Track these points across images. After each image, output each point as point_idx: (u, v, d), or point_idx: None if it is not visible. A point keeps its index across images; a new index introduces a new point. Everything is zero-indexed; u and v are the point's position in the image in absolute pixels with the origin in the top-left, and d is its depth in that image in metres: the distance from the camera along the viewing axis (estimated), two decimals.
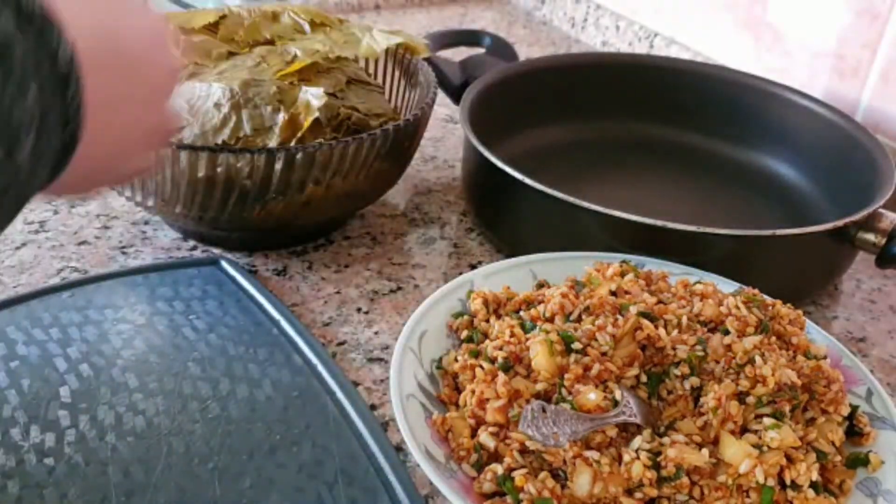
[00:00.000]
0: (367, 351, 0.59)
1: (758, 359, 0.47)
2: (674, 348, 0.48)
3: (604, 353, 0.47)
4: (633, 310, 0.49)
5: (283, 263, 0.68)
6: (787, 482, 0.44)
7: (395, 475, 0.48)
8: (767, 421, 0.44)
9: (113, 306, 0.59)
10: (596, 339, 0.48)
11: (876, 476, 0.47)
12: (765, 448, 0.44)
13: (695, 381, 0.47)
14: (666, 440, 0.45)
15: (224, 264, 0.64)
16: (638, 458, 0.43)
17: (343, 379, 0.54)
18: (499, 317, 0.54)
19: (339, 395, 0.53)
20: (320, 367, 0.55)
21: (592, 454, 0.43)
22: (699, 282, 0.54)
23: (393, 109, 0.74)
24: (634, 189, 0.79)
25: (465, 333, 0.54)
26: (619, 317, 0.49)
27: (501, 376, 0.47)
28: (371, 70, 0.78)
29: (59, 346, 0.55)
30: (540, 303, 0.53)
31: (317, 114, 0.63)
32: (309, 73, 0.67)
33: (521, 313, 0.54)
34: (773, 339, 0.50)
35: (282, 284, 0.65)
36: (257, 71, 0.66)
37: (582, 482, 0.43)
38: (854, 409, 0.50)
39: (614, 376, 0.47)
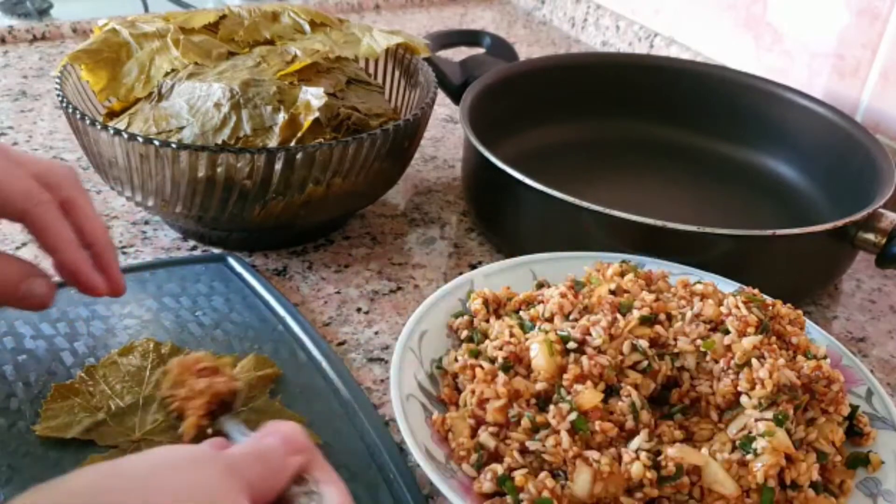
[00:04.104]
0: (367, 351, 0.59)
1: (755, 362, 0.47)
2: (675, 339, 0.48)
3: (596, 347, 0.47)
4: (635, 313, 0.49)
5: (283, 263, 0.68)
6: (788, 482, 0.44)
7: (397, 471, 0.48)
8: (762, 426, 0.44)
9: (120, 301, 0.59)
10: (590, 334, 0.48)
11: (876, 476, 0.47)
12: (751, 455, 0.44)
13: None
14: (666, 436, 0.45)
15: (231, 261, 0.65)
16: (638, 458, 0.43)
17: (347, 375, 0.54)
18: (499, 317, 0.54)
19: (343, 391, 0.53)
20: (324, 364, 0.55)
21: (592, 454, 0.43)
22: (699, 282, 0.54)
23: (393, 109, 0.74)
24: (634, 189, 0.79)
25: (465, 333, 0.54)
26: (618, 316, 0.49)
27: (501, 376, 0.47)
28: (371, 70, 0.78)
29: (67, 341, 0.55)
30: (539, 303, 0.53)
31: (317, 114, 0.63)
32: (309, 73, 0.67)
33: (521, 313, 0.54)
34: (773, 339, 0.50)
35: (282, 284, 0.65)
36: (257, 71, 0.66)
37: (582, 482, 0.43)
38: (854, 409, 0.50)
39: (613, 375, 0.47)
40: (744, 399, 0.46)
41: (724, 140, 0.84)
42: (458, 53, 0.89)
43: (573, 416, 0.45)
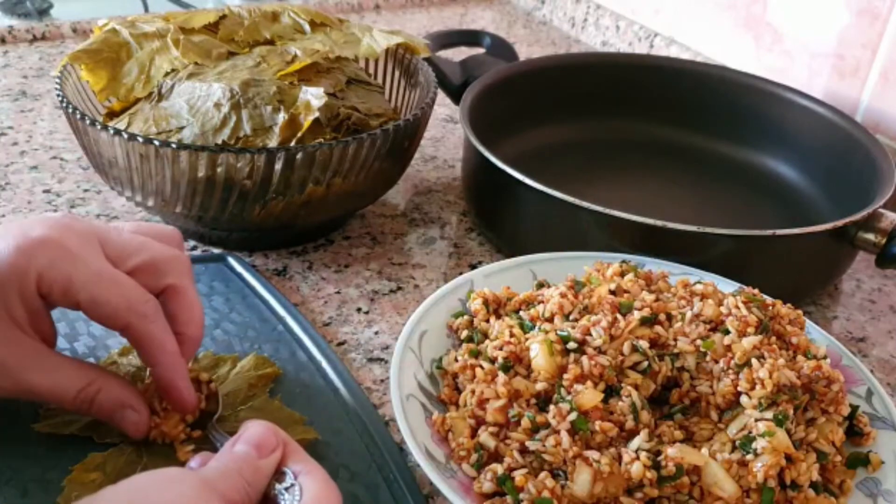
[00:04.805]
0: (367, 351, 0.59)
1: (755, 362, 0.47)
2: (675, 339, 0.48)
3: (596, 348, 0.47)
4: (635, 314, 0.49)
5: (283, 263, 0.68)
6: (788, 482, 0.44)
7: (397, 471, 0.48)
8: (762, 426, 0.44)
9: None
10: (590, 334, 0.48)
11: (876, 476, 0.47)
12: (751, 455, 0.44)
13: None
14: (666, 436, 0.45)
15: (231, 261, 0.65)
16: (638, 458, 0.43)
17: (347, 375, 0.54)
18: (499, 317, 0.54)
19: (343, 391, 0.53)
20: (324, 364, 0.55)
21: (592, 454, 0.43)
22: (699, 282, 0.54)
23: (393, 109, 0.74)
24: (634, 189, 0.79)
25: (465, 333, 0.54)
26: (618, 316, 0.49)
27: (501, 376, 0.47)
28: (371, 70, 0.78)
29: (67, 341, 0.55)
30: (539, 303, 0.53)
31: (317, 114, 0.63)
32: (309, 73, 0.67)
33: (521, 313, 0.54)
34: (773, 339, 0.50)
35: (282, 284, 0.65)
36: (257, 71, 0.66)
37: (582, 482, 0.43)
38: (854, 409, 0.50)
39: (613, 375, 0.47)
40: (744, 399, 0.46)
41: (724, 140, 0.84)
42: (458, 53, 0.89)
43: (573, 416, 0.45)
